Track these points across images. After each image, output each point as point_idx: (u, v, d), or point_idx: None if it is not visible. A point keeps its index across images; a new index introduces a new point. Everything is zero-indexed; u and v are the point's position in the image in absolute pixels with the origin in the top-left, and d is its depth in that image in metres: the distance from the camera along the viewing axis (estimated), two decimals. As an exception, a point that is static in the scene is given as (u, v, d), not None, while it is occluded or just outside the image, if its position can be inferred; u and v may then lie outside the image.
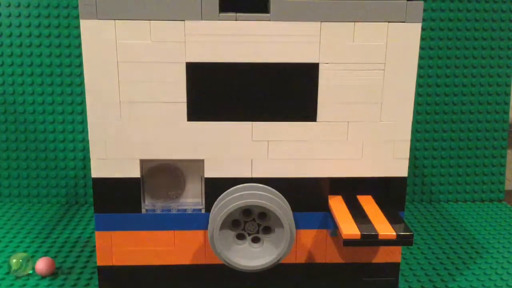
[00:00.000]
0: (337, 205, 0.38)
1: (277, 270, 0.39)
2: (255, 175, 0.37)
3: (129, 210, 0.38)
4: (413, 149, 0.62)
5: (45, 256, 0.46)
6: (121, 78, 0.35)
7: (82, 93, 0.58)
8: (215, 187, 0.37)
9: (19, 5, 0.56)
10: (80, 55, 0.57)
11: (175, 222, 0.38)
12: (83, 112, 0.59)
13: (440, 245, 0.50)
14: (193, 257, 0.39)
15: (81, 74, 0.58)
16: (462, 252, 0.49)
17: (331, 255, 0.40)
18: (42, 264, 0.42)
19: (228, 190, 0.37)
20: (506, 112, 0.62)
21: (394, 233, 0.34)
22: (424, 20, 0.59)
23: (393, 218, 0.36)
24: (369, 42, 0.36)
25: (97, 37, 0.35)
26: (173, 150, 0.37)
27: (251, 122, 0.37)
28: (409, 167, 0.62)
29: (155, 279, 0.39)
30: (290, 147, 0.37)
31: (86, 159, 0.60)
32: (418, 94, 0.61)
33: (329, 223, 0.38)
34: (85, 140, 0.59)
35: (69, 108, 0.58)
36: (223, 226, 0.35)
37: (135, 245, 0.38)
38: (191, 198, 0.38)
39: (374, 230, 0.34)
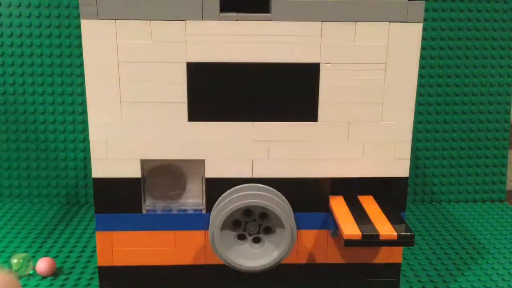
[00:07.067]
0: (338, 205, 0.38)
1: (278, 271, 0.39)
2: (256, 175, 0.37)
3: (130, 210, 0.38)
4: (414, 149, 0.62)
5: (46, 256, 0.46)
6: (122, 78, 0.35)
7: (82, 93, 0.58)
8: (216, 187, 0.37)
9: (20, 5, 0.56)
10: (80, 55, 0.57)
11: (175, 222, 0.38)
12: (83, 112, 0.59)
13: (442, 246, 0.50)
14: (193, 257, 0.39)
15: (81, 74, 0.58)
16: (463, 253, 0.49)
17: (332, 256, 0.39)
18: (43, 264, 0.42)
19: (229, 190, 0.37)
20: (508, 112, 0.62)
21: (395, 234, 0.34)
22: (425, 20, 0.59)
23: (394, 218, 0.36)
24: (370, 42, 0.36)
25: (97, 37, 0.35)
26: (174, 150, 0.37)
27: (252, 122, 0.37)
28: (410, 167, 0.61)
29: (156, 279, 0.39)
30: (291, 147, 0.37)
31: (87, 159, 0.60)
32: (419, 94, 0.61)
33: (330, 224, 0.38)
34: (85, 140, 0.59)
35: (70, 108, 0.58)
36: (224, 226, 0.35)
37: (136, 245, 0.38)
38: (192, 199, 0.38)
39: (375, 230, 0.34)
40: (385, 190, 0.38)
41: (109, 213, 0.38)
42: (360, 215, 0.36)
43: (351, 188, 0.38)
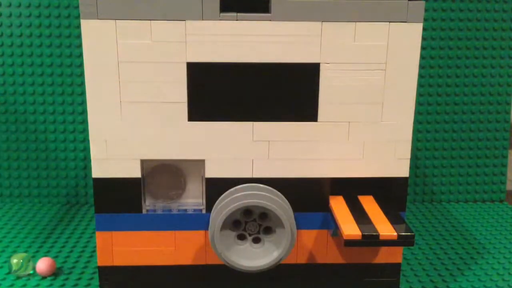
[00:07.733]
0: (338, 205, 0.38)
1: (278, 271, 0.39)
2: (256, 175, 0.37)
3: (130, 210, 0.38)
4: (414, 149, 0.62)
5: (45, 256, 0.46)
6: (122, 78, 0.35)
7: (82, 93, 0.58)
8: (216, 187, 0.37)
9: (19, 5, 0.56)
10: (80, 55, 0.57)
11: (175, 222, 0.38)
12: (83, 112, 0.59)
13: (441, 246, 0.50)
14: (193, 257, 0.39)
15: (81, 74, 0.58)
16: (463, 253, 0.49)
17: (332, 256, 0.39)
18: (42, 264, 0.42)
19: (229, 190, 0.37)
20: (508, 112, 0.62)
21: (395, 234, 0.34)
22: (425, 20, 0.59)
23: (394, 218, 0.36)
24: (370, 42, 0.36)
25: (97, 37, 0.35)
26: (174, 150, 0.37)
27: (251, 122, 0.37)
28: (410, 167, 0.62)
29: (156, 279, 0.39)
30: (291, 147, 0.37)
31: (86, 159, 0.60)
32: (419, 94, 0.61)
33: (330, 224, 0.38)
34: (85, 140, 0.59)
35: (70, 108, 0.58)
36: (224, 226, 0.35)
37: (136, 245, 0.38)
38: (192, 198, 0.38)
39: (375, 230, 0.34)
40: (385, 190, 0.38)
41: (109, 213, 0.38)
42: (360, 215, 0.36)
43: (351, 188, 0.38)
